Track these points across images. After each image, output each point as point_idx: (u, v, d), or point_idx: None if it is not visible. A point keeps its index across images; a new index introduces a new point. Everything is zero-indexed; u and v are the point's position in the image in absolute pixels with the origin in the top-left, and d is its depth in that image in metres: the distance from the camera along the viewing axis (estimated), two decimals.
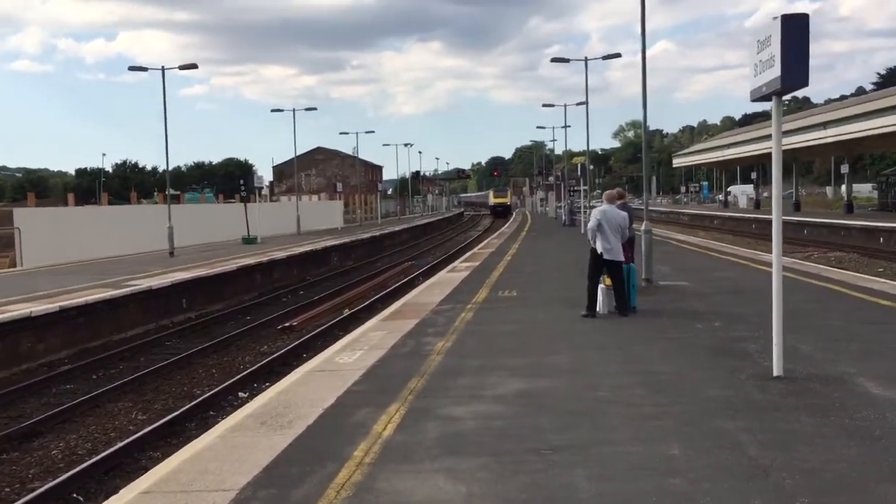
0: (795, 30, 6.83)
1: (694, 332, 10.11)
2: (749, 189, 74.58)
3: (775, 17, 7.05)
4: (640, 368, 8.14)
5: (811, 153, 61.70)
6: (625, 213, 11.82)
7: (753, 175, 69.30)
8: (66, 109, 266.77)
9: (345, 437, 6.01)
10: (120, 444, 9.13)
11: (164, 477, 5.39)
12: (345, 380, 7.99)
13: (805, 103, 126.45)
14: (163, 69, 28.45)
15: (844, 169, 49.14)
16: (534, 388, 7.44)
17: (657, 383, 7.47)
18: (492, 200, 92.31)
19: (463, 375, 8.00)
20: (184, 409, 10.56)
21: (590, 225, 11.69)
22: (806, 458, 5.21)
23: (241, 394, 11.51)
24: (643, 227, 15.89)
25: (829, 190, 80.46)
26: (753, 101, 7.86)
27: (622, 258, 11.57)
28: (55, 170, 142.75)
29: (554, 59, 36.81)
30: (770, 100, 7.49)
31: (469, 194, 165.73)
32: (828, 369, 7.80)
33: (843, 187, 53.34)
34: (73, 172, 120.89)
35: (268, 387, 9.48)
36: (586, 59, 36.04)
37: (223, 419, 8.12)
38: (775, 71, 6.92)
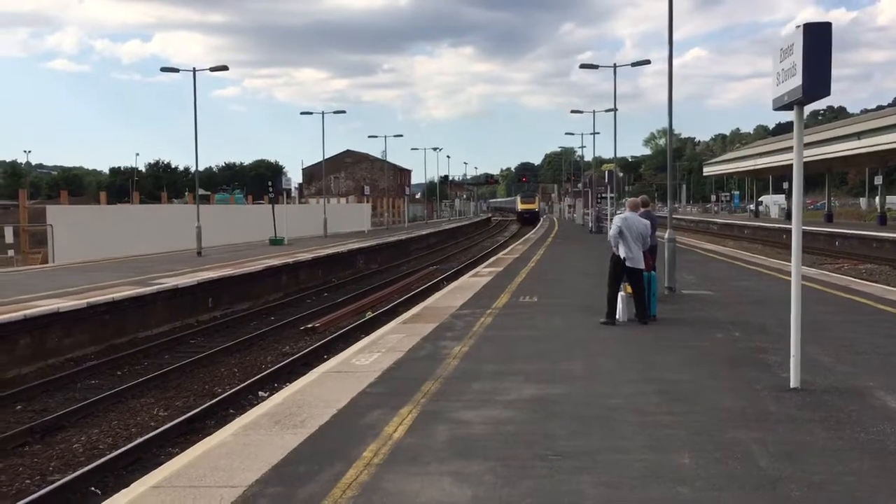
0: (818, 39, 6.78)
1: (713, 342, 10.04)
2: (781, 199, 73.67)
3: (798, 26, 7.00)
4: (655, 377, 8.10)
5: (845, 164, 60.89)
6: (647, 222, 11.77)
7: (785, 185, 68.45)
8: (102, 109, 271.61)
9: (356, 438, 6.06)
10: (139, 440, 9.26)
11: (176, 472, 5.47)
12: (360, 381, 8.04)
13: (841, 113, 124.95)
14: (194, 70, 28.83)
15: (878, 180, 48.43)
16: (547, 394, 7.44)
17: (672, 392, 7.43)
18: (519, 206, 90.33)
19: (477, 380, 8.02)
20: (203, 406, 10.68)
21: (611, 232, 11.68)
22: (816, 471, 5.17)
23: (261, 393, 11.62)
24: (667, 236, 15.80)
25: (862, 201, 79.19)
26: (775, 109, 7.82)
27: (643, 266, 11.52)
28: (90, 168, 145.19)
29: (583, 66, 36.68)
30: (792, 109, 7.43)
31: (498, 199, 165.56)
32: (847, 382, 7.71)
33: (877, 199, 52.52)
34: (107, 171, 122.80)
35: (286, 387, 9.56)
36: (615, 66, 35.89)
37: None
38: (797, 80, 6.87)
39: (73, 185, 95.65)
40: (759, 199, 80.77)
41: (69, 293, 15.81)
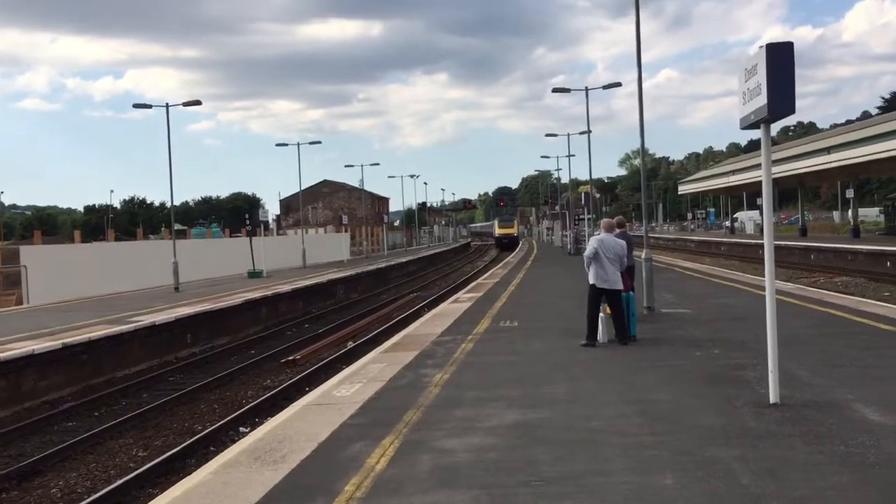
0: (780, 58, 6.90)
1: (693, 360, 10.08)
2: (755, 215, 74.52)
3: (761, 46, 7.13)
4: (637, 397, 8.11)
5: (817, 178, 61.72)
6: (623, 242, 11.82)
7: (759, 201, 69.26)
8: (75, 147, 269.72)
9: (337, 472, 6.00)
10: (118, 482, 9.12)
11: None
12: (341, 413, 7.98)
13: (811, 128, 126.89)
14: (167, 106, 28.83)
15: (850, 193, 49.14)
16: (530, 419, 7.42)
17: (654, 412, 7.44)
18: (496, 231, 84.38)
19: (459, 407, 7.99)
20: (183, 445, 10.54)
21: (585, 254, 11.72)
22: (797, 486, 5.18)
23: (242, 428, 11.49)
24: (643, 255, 15.89)
25: (835, 214, 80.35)
26: (743, 128, 7.91)
27: (621, 287, 11.56)
28: (64, 207, 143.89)
29: (556, 90, 37.00)
30: (759, 127, 7.53)
31: (477, 224, 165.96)
32: (825, 395, 7.77)
33: (850, 212, 53.25)
34: (81, 209, 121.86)
35: (266, 421, 9.47)
36: (587, 89, 36.19)
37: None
38: (762, 99, 6.98)
39: (47, 224, 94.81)
40: (735, 216, 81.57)
41: (44, 334, 15.60)
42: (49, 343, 14.32)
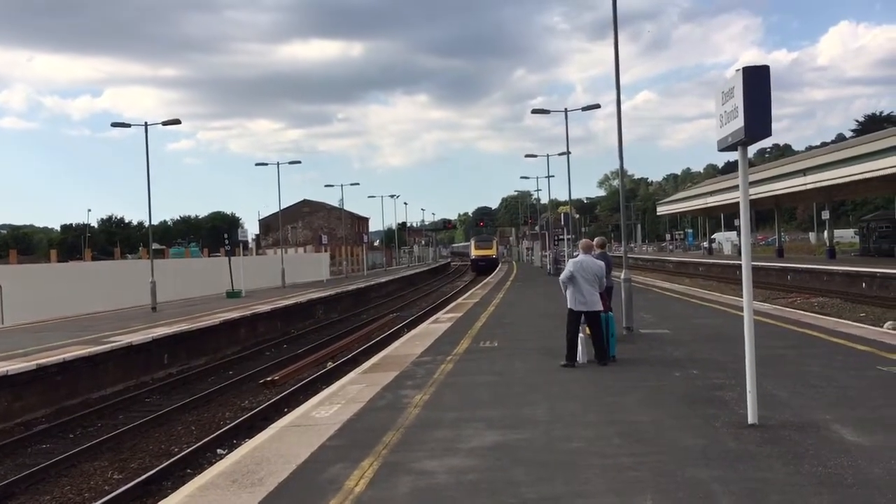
0: (756, 81, 6.98)
1: (672, 381, 10.10)
2: (733, 236, 75.26)
3: (737, 70, 7.22)
4: (616, 418, 8.11)
5: (793, 199, 62.45)
6: (601, 263, 11.85)
7: (737, 222, 69.91)
8: (52, 166, 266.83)
9: (316, 494, 5.94)
10: None
11: None
12: (320, 435, 7.92)
13: (787, 150, 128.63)
14: (146, 125, 28.65)
15: (825, 215, 49.71)
16: (509, 440, 7.39)
17: (633, 433, 7.44)
18: (472, 252, 72.07)
19: (439, 428, 7.95)
20: (160, 467, 10.40)
21: (561, 277, 11.73)
22: None
23: (219, 450, 11.36)
24: (622, 276, 15.97)
25: (812, 235, 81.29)
26: (720, 150, 7.98)
27: (600, 307, 11.60)
28: (41, 226, 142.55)
29: (535, 111, 37.36)
30: (736, 149, 7.61)
31: (457, 244, 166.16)
32: (803, 416, 7.81)
33: (825, 233, 53.88)
34: (58, 228, 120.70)
35: (244, 443, 9.37)
36: (566, 111, 36.50)
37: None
38: (739, 122, 7.06)
39: (23, 243, 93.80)
40: (712, 237, 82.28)
41: (18, 355, 15.38)
42: (23, 364, 14.11)
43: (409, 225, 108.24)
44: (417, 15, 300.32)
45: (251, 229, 71.24)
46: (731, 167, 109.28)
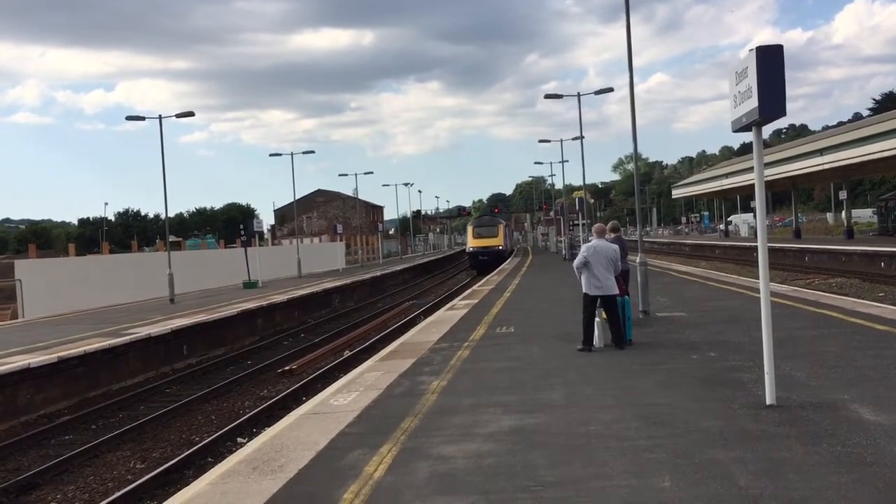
0: (770, 61, 6.93)
1: (689, 364, 10.09)
2: (750, 218, 74.67)
3: (751, 49, 7.16)
4: (634, 401, 8.12)
5: (809, 180, 61.98)
6: (615, 246, 11.80)
7: (753, 204, 69.40)
8: (68, 160, 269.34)
9: (336, 480, 6.00)
10: (116, 495, 9.08)
11: None
12: (338, 422, 7.98)
13: (803, 130, 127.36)
14: (160, 118, 28.78)
15: (843, 195, 49.30)
16: (527, 424, 7.42)
17: (651, 416, 7.45)
18: (470, 243, 53.43)
19: (456, 414, 7.99)
20: (181, 456, 10.52)
21: (576, 262, 11.70)
22: (795, 487, 5.19)
23: (239, 439, 11.47)
24: (638, 260, 15.93)
25: (829, 216, 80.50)
26: (735, 131, 7.94)
27: (616, 291, 11.57)
28: (59, 220, 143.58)
29: (547, 96, 37.22)
30: (751, 130, 7.57)
31: None
32: (821, 396, 7.79)
33: (843, 213, 53.43)
34: (76, 222, 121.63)
35: (264, 431, 9.45)
36: (579, 95, 36.31)
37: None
38: (753, 102, 7.02)
39: (42, 238, 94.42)
40: (729, 219, 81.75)
41: (39, 348, 15.57)
42: (45, 357, 14.28)
43: (423, 213, 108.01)
44: (428, 1, 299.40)
45: (266, 220, 71.44)
46: (746, 149, 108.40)
